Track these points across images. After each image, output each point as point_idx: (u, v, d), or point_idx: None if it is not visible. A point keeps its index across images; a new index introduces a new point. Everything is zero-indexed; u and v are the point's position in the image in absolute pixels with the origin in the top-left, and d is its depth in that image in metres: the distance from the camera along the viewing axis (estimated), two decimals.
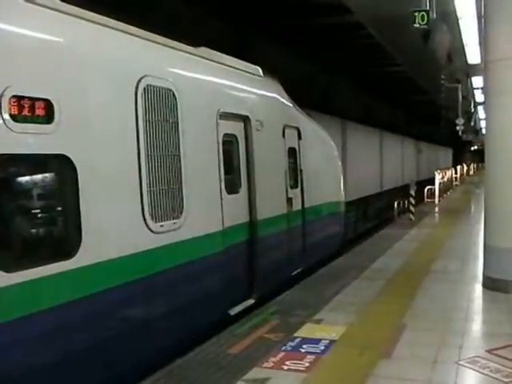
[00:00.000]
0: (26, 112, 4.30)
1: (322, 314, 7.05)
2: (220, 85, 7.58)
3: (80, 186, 4.72)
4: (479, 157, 63.78)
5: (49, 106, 4.48)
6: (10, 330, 4.09)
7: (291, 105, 10.09)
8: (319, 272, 9.76)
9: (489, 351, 5.60)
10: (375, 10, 14.19)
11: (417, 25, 13.44)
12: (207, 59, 7.41)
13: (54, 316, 4.44)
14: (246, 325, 6.71)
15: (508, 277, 7.80)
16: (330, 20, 14.22)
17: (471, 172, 55.87)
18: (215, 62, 7.61)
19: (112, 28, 5.60)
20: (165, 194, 5.87)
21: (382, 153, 29.85)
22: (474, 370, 5.20)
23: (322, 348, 5.80)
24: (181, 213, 6.13)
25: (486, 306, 7.66)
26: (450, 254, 11.45)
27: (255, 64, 8.99)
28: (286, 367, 5.31)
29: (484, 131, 11.75)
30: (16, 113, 4.22)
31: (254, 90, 8.68)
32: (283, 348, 5.82)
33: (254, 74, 8.84)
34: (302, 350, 5.75)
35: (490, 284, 8.06)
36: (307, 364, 5.37)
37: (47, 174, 4.81)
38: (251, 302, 7.77)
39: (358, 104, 25.38)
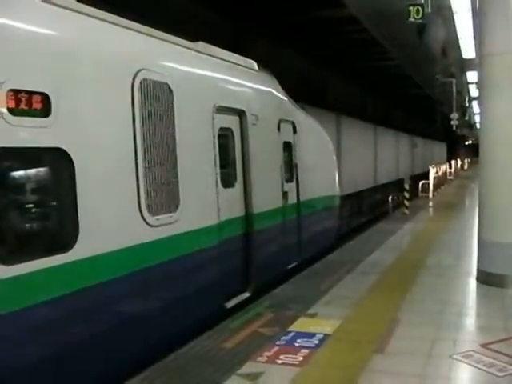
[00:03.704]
0: (23, 106, 4.32)
1: (317, 308, 7.05)
2: (216, 79, 7.58)
3: (77, 180, 4.75)
4: (473, 151, 63.91)
5: (46, 99, 4.50)
6: (9, 321, 4.11)
7: (286, 99, 10.10)
8: (314, 266, 9.75)
9: (483, 345, 5.61)
10: (370, 4, 14.17)
11: (412, 19, 13.36)
12: (204, 53, 7.42)
13: (52, 309, 4.47)
14: (240, 319, 6.70)
15: (502, 271, 7.81)
16: (325, 14, 14.21)
17: (465, 166, 55.92)
18: (211, 56, 7.63)
19: (109, 22, 5.60)
20: (161, 187, 5.90)
21: (376, 147, 29.87)
22: (468, 364, 5.20)
23: (316, 342, 5.79)
24: (177, 206, 6.15)
25: (479, 301, 7.67)
26: (444, 248, 11.47)
27: (249, 58, 8.98)
28: (280, 361, 5.30)
29: (478, 126, 11.74)
30: (13, 106, 4.23)
31: (250, 84, 8.68)
32: (277, 342, 5.81)
33: (249, 69, 8.85)
34: (296, 345, 5.74)
35: (483, 278, 8.07)
36: (301, 358, 5.36)
37: (44, 168, 4.85)
38: (247, 295, 7.80)
39: (352, 98, 25.39)
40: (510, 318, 6.57)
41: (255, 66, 9.11)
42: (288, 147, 9.77)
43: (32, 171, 4.75)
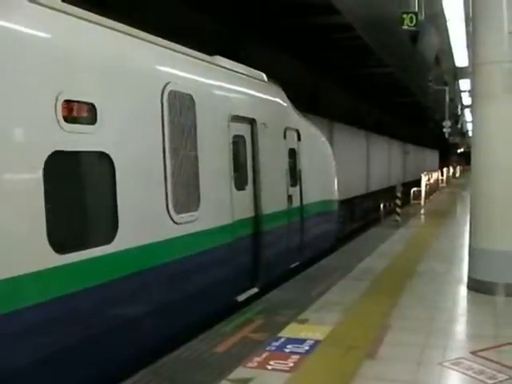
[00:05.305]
0: (74, 114, 4.87)
1: (308, 313, 7.05)
2: (231, 90, 8.21)
3: (117, 180, 5.29)
4: (465, 159, 64.09)
5: (93, 109, 5.04)
6: (64, 303, 4.61)
7: (291, 108, 10.69)
8: (306, 271, 9.82)
9: (473, 353, 5.61)
10: (364, 11, 14.23)
11: (405, 27, 13.45)
12: (220, 66, 7.99)
13: (98, 293, 5.00)
14: (231, 324, 6.69)
15: (492, 279, 7.82)
16: (318, 20, 14.25)
17: (457, 174, 56.09)
18: (227, 69, 8.19)
19: (141, 39, 6.14)
20: (185, 188, 6.50)
21: (368, 154, 29.91)
22: (457, 371, 5.20)
23: (307, 348, 5.79)
24: (197, 206, 6.69)
25: (470, 308, 7.68)
26: (435, 255, 11.48)
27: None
28: (270, 367, 5.29)
29: (470, 134, 11.78)
30: (67, 114, 4.75)
31: (260, 95, 9.32)
32: (267, 348, 5.80)
33: (259, 80, 9.47)
34: (287, 350, 5.73)
35: (474, 286, 8.08)
36: (291, 364, 5.36)
37: (91, 169, 5.38)
38: (255, 290, 8.29)
39: (345, 105, 25.45)
40: (500, 325, 6.58)
41: (264, 77, 9.71)
42: (293, 153, 10.32)
43: (81, 172, 5.25)
